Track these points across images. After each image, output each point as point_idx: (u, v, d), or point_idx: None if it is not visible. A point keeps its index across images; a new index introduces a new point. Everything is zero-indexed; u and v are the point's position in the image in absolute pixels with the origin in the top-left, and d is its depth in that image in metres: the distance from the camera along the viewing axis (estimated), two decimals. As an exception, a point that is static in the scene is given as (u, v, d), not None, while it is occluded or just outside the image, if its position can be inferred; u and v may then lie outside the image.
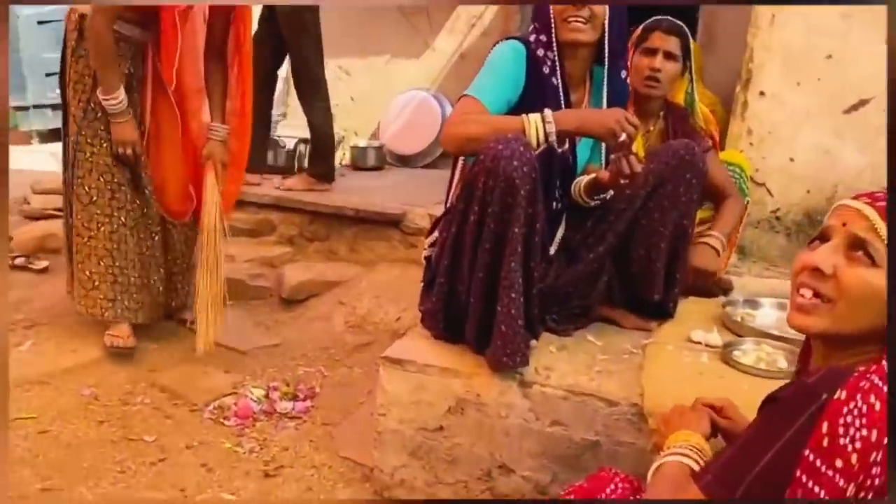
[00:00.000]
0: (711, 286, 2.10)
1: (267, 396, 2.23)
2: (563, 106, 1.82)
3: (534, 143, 1.61)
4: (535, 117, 1.64)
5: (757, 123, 2.68)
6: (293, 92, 5.26)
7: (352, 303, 2.90)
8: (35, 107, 5.98)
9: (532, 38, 1.83)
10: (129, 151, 2.31)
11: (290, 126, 4.88)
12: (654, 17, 2.27)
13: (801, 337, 1.05)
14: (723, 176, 2.24)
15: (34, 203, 3.60)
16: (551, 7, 1.77)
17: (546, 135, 1.63)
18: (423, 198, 3.45)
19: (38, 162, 5.17)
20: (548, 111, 1.65)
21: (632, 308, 1.93)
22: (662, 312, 1.91)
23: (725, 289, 2.18)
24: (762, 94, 2.66)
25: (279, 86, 5.41)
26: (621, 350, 1.75)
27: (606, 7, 1.75)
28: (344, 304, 2.91)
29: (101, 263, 2.37)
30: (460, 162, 1.89)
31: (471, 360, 1.67)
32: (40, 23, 5.93)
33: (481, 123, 1.68)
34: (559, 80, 1.82)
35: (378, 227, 3.28)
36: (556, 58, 1.80)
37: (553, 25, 1.78)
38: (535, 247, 1.61)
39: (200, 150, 2.48)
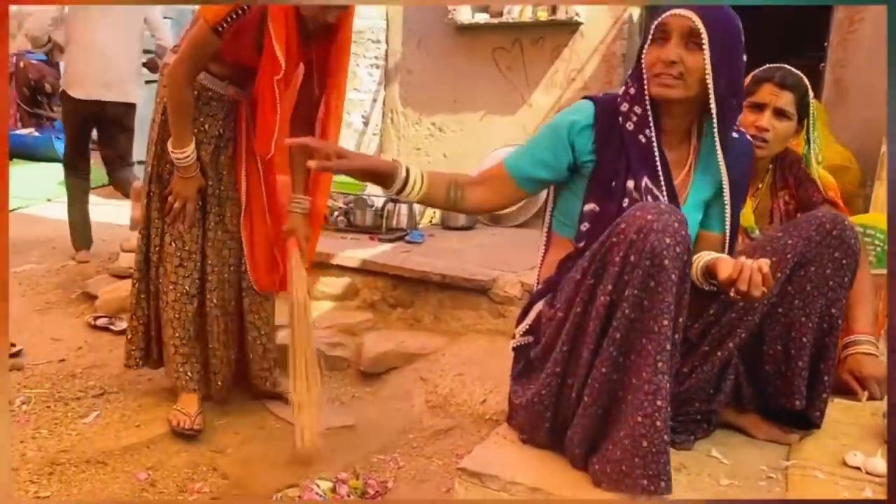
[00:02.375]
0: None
1: (334, 490, 1.99)
2: (657, 165, 1.53)
3: None
4: None
5: (907, 186, 2.28)
6: (386, 149, 5.19)
7: (434, 379, 2.64)
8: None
9: (621, 90, 1.58)
10: (177, 204, 2.18)
11: (381, 183, 4.76)
12: (767, 66, 1.94)
13: None
14: None
15: (122, 261, 3.56)
16: (644, 58, 1.51)
17: None
18: (516, 262, 3.21)
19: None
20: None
21: (765, 413, 1.58)
22: (805, 422, 1.55)
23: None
24: (913, 151, 2.26)
25: (375, 144, 5.36)
26: (755, 473, 1.40)
27: (707, 59, 1.45)
28: (425, 380, 2.66)
29: (170, 330, 2.27)
30: (554, 235, 1.63)
31: (569, 478, 1.37)
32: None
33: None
34: (652, 135, 1.53)
35: (465, 295, 3.04)
36: (647, 111, 1.53)
37: (644, 78, 1.52)
38: (673, 345, 1.32)
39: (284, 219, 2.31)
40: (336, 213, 4.08)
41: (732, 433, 1.59)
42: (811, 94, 1.95)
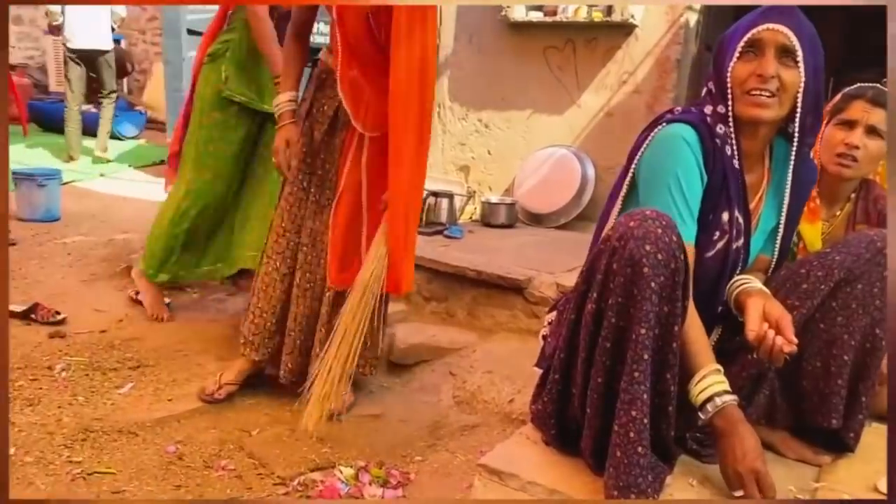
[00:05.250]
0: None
1: (356, 477, 2.00)
2: (740, 193, 1.48)
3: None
4: (714, 381, 1.34)
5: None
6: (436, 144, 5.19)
7: (463, 375, 2.64)
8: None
9: (708, 108, 1.47)
10: (277, 155, 2.24)
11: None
12: (859, 84, 1.88)
13: None
14: None
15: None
16: (729, 72, 1.42)
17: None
18: (553, 263, 3.17)
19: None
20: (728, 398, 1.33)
21: (798, 432, 1.54)
22: (839, 444, 1.51)
23: None
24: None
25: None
26: (782, 492, 1.36)
27: (802, 75, 1.39)
28: (454, 375, 2.66)
29: (255, 298, 2.35)
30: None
31: (588, 482, 1.36)
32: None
33: None
34: (736, 160, 1.46)
35: (500, 293, 3.02)
36: (732, 133, 1.45)
37: (731, 96, 1.43)
38: (672, 355, 1.29)
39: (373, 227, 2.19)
40: (377, 204, 4.10)
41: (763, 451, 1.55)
42: None
